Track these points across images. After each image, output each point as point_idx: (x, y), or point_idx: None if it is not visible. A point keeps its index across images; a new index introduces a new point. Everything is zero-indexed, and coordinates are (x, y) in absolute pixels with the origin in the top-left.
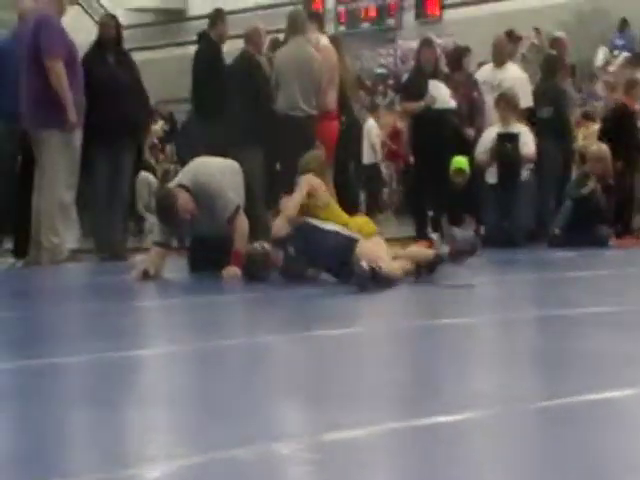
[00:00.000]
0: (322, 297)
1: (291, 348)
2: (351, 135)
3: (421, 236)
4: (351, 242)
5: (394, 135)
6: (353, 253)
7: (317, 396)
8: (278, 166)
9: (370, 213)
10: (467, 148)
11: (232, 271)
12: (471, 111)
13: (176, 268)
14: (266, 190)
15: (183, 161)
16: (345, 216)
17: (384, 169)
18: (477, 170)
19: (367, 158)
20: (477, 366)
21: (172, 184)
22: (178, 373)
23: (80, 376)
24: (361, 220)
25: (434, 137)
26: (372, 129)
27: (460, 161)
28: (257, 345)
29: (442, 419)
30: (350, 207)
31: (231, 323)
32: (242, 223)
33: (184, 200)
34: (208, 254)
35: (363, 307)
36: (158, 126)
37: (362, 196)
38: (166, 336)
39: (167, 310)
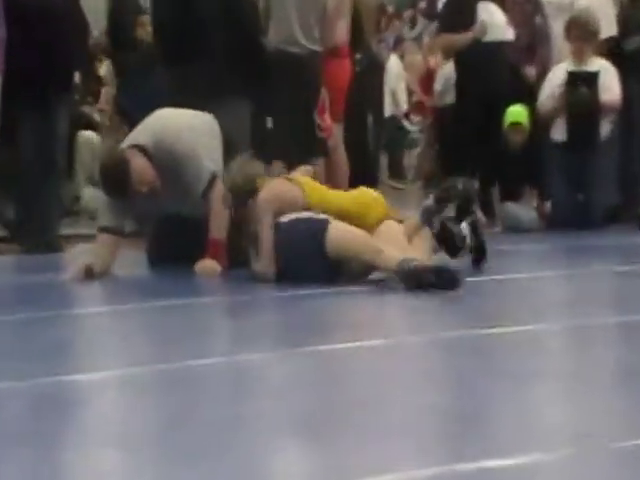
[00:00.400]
0: (326, 299)
1: (287, 368)
2: (369, 79)
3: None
4: (323, 221)
5: (425, 79)
6: (324, 233)
7: (325, 433)
8: (270, 122)
9: (392, 180)
10: (527, 94)
11: (208, 265)
12: (532, 43)
13: (131, 262)
14: (254, 154)
15: (132, 118)
16: (344, 198)
17: (410, 124)
18: (540, 124)
19: (388, 109)
20: (540, 390)
21: (124, 144)
22: (134, 404)
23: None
24: (367, 197)
25: (483, 80)
26: (394, 71)
27: (517, 112)
28: (241, 365)
29: (494, 463)
30: (368, 178)
31: (206, 336)
32: (220, 198)
33: (140, 166)
34: (175, 242)
35: (382, 311)
36: (104, 69)
37: (383, 161)
38: (117, 355)
39: (118, 319)
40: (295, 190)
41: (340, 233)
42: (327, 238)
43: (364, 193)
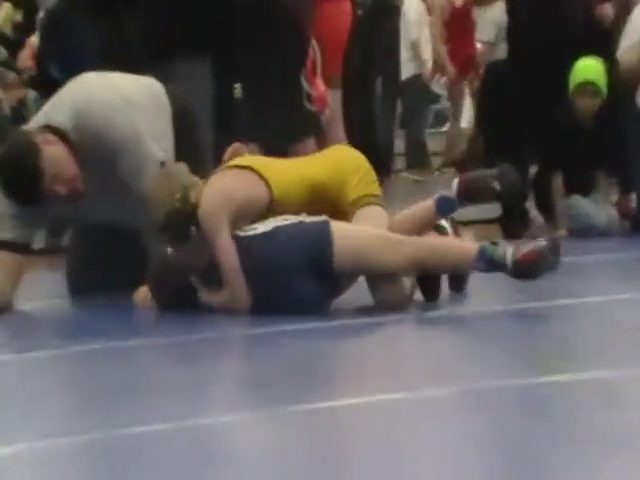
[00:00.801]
0: (320, 337)
1: (264, 437)
2: (376, 27)
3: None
4: (322, 227)
5: (456, 23)
6: (331, 244)
7: None
8: (239, 90)
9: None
10: (602, 43)
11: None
12: None
13: (42, 291)
14: (218, 132)
15: (50, 84)
16: (305, 167)
17: (437, 87)
18: (621, 85)
19: (407, 69)
20: (618, 458)
21: (31, 125)
22: None
23: None
24: (337, 155)
25: (541, 26)
26: (414, 15)
27: (589, 68)
28: (198, 434)
29: None
30: (376, 165)
31: (150, 393)
32: None
33: (56, 157)
34: (106, 262)
35: (398, 351)
36: (2, 14)
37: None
38: (25, 423)
39: (25, 373)
40: (253, 182)
41: (353, 240)
42: (335, 248)
43: (338, 156)
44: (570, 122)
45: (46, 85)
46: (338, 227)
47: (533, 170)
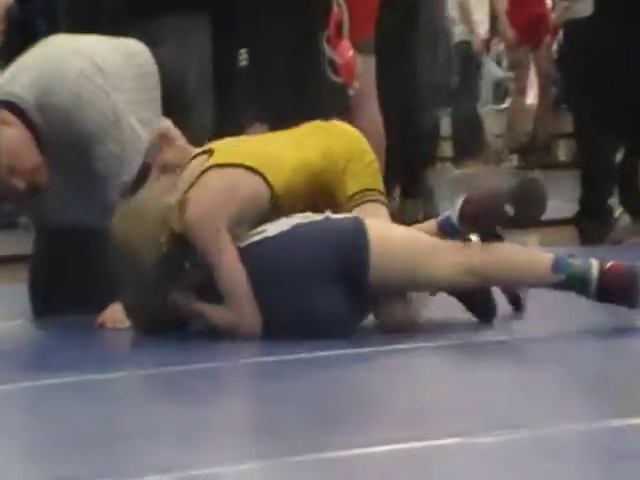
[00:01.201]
0: (348, 368)
1: None
2: None
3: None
4: (355, 225)
5: None
6: (367, 247)
7: None
8: (244, 56)
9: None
10: None
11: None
12: None
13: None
14: (219, 109)
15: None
16: (297, 148)
17: (494, 59)
18: None
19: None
20: None
21: None
22: None
23: None
24: (330, 134)
25: None
26: None
27: None
28: None
29: None
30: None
31: (133, 436)
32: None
33: (14, 141)
34: (79, 275)
35: (445, 387)
36: None
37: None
38: None
39: None
40: (247, 179)
41: (395, 241)
42: (372, 251)
43: (333, 136)
44: None
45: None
46: (374, 225)
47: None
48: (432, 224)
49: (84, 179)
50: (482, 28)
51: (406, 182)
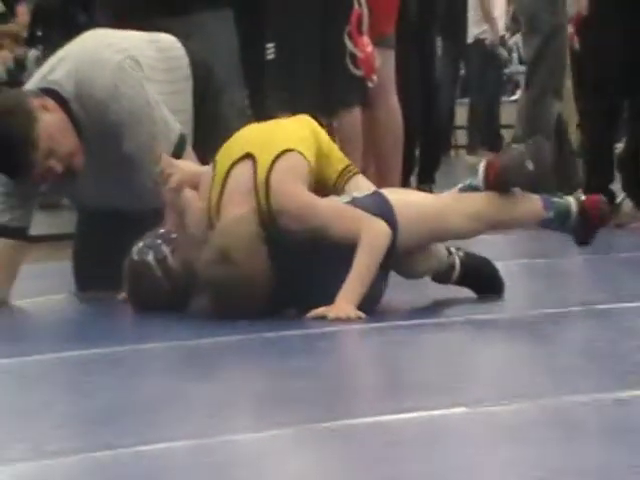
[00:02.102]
0: (368, 339)
1: (304, 455)
2: None
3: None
4: (381, 200)
5: None
6: (394, 218)
7: None
8: (272, 50)
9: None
10: None
11: None
12: None
13: (43, 284)
14: (248, 93)
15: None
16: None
17: (508, 54)
18: None
19: (473, 31)
20: None
21: (28, 88)
22: None
23: None
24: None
25: None
26: None
27: None
28: (224, 450)
29: None
30: (434, 143)
31: (166, 405)
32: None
33: (54, 127)
34: (119, 254)
35: (457, 359)
36: None
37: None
38: (20, 438)
39: (16, 380)
40: (300, 160)
41: (415, 207)
42: (399, 221)
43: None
44: None
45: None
46: (393, 196)
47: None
48: (452, 192)
49: (118, 165)
50: (500, 24)
51: (422, 168)
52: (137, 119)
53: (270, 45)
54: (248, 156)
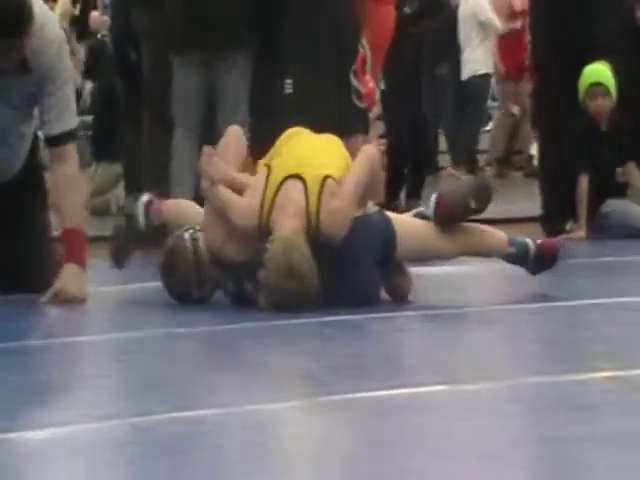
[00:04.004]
0: (361, 329)
1: (315, 424)
2: (426, 25)
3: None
4: (383, 217)
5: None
6: (394, 235)
7: None
8: (289, 86)
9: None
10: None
11: (72, 280)
12: None
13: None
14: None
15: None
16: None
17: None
18: None
19: (476, 66)
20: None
21: None
22: None
23: None
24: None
25: (573, 25)
26: (485, 12)
27: (597, 71)
28: (250, 418)
29: None
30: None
31: (194, 379)
32: (77, 166)
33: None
34: None
35: (439, 346)
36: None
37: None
38: (79, 404)
39: (74, 356)
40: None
41: (412, 229)
42: (398, 238)
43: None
44: (587, 125)
45: (127, 70)
46: (393, 217)
47: None
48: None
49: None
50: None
51: (409, 186)
52: (67, 78)
53: (289, 81)
54: (298, 177)
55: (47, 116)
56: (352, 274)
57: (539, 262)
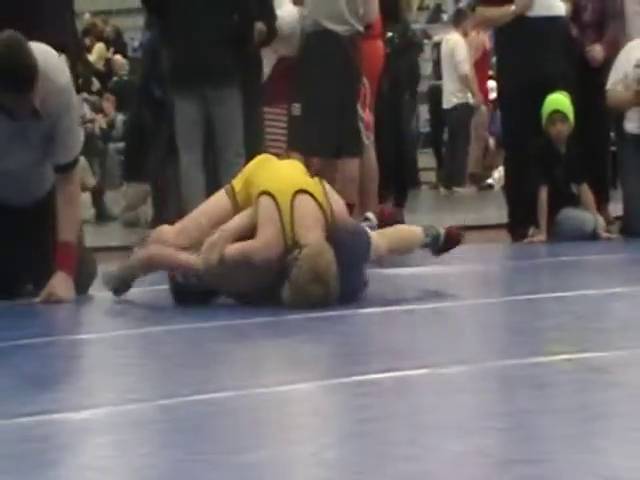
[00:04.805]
0: (350, 321)
1: (312, 404)
2: (402, 62)
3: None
4: (362, 227)
5: (483, 60)
6: (370, 241)
7: None
8: (298, 108)
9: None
10: (592, 82)
11: (61, 284)
12: (600, 16)
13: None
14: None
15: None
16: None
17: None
18: (611, 113)
19: (452, 98)
20: (608, 429)
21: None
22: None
23: None
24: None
25: (527, 64)
26: (463, 51)
27: (557, 100)
28: (261, 399)
29: None
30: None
31: (210, 366)
32: (79, 189)
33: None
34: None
35: (419, 334)
36: (96, 54)
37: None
38: (112, 388)
39: (110, 347)
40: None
41: (380, 237)
42: (372, 245)
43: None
44: (547, 147)
45: (152, 104)
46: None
47: None
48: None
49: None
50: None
51: (396, 197)
52: (74, 116)
53: (297, 105)
54: (302, 191)
55: (57, 149)
56: (349, 276)
57: (447, 245)
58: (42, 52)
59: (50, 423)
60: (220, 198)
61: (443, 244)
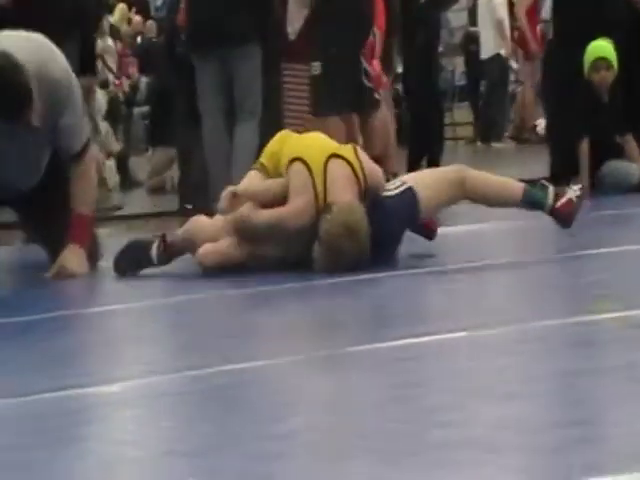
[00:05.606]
0: (384, 285)
1: (337, 373)
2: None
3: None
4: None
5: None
6: (418, 203)
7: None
8: (317, 68)
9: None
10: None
11: (73, 258)
12: None
13: None
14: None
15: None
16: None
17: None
18: None
19: (488, 47)
20: None
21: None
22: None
23: None
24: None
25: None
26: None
27: (601, 46)
28: (284, 370)
29: None
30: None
31: (237, 336)
32: (93, 165)
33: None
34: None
35: (454, 297)
36: (118, 14)
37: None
38: (140, 360)
39: (137, 318)
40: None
41: (431, 191)
42: (421, 205)
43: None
44: (590, 95)
45: (176, 63)
46: (414, 182)
47: None
48: None
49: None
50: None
51: (431, 155)
52: (77, 105)
53: (316, 64)
54: (335, 156)
55: (64, 141)
56: (385, 248)
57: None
58: (34, 48)
59: (79, 397)
60: (254, 177)
61: (549, 212)
